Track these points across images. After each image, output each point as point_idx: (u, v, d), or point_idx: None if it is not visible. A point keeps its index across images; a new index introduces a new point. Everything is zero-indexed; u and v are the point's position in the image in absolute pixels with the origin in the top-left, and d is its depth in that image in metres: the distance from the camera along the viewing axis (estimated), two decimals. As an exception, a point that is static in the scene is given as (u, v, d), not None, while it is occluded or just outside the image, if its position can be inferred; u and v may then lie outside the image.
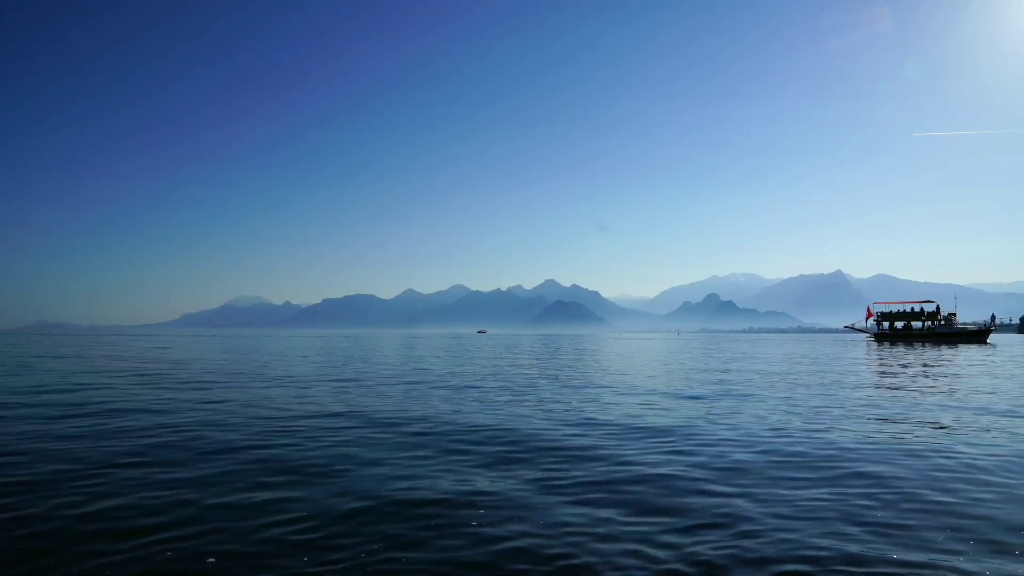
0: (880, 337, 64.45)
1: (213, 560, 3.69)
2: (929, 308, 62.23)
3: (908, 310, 64.13)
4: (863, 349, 41.32)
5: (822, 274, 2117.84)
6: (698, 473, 5.73)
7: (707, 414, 9.65)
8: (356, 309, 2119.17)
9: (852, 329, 72.96)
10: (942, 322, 60.85)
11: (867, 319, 66.77)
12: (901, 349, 39.70)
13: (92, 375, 17.60)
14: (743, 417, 9.30)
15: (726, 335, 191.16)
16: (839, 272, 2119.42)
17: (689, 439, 7.48)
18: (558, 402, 11.31)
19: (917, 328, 61.98)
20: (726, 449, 6.90)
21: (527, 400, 11.63)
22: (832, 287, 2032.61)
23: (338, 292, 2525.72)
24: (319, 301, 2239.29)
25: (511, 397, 12.17)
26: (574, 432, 7.99)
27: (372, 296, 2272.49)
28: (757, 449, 6.89)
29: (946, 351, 36.41)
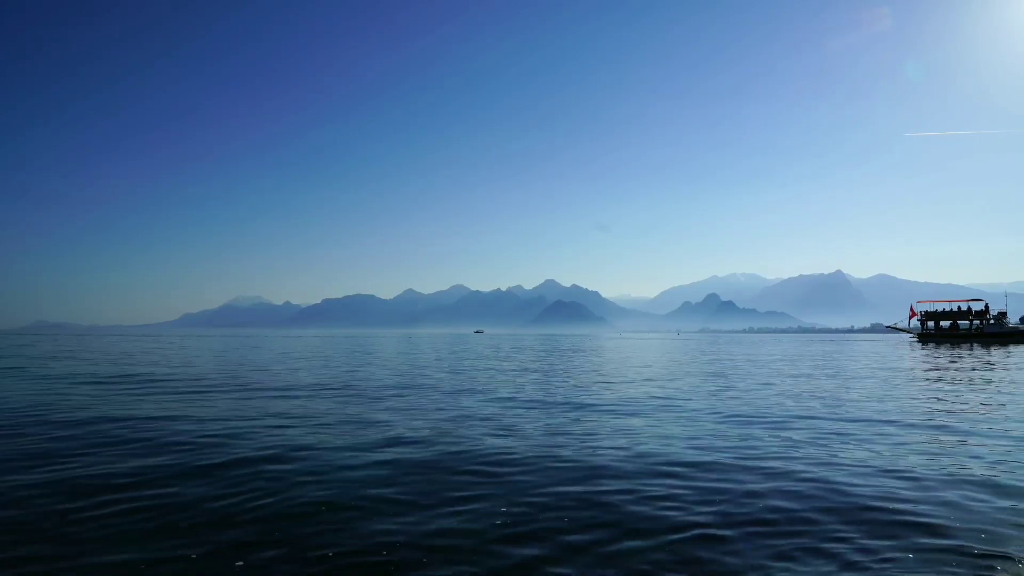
0: (924, 337, 61.51)
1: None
2: (977, 307, 59.11)
3: (954, 309, 61.03)
4: (917, 353, 35.86)
5: (822, 274, 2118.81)
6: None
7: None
8: (356, 309, 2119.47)
9: (895, 329, 69.69)
10: (991, 321, 57.86)
11: (910, 318, 64.01)
12: (958, 351, 36.91)
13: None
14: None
15: (726, 335, 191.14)
16: (839, 272, 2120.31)
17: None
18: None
19: (964, 328, 58.99)
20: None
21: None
22: (832, 287, 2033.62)
23: (338, 292, 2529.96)
24: (319, 301, 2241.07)
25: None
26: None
27: (372, 296, 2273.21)
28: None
29: (998, 352, 34.44)
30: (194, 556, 4.00)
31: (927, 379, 17.50)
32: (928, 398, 12.76)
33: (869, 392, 13.93)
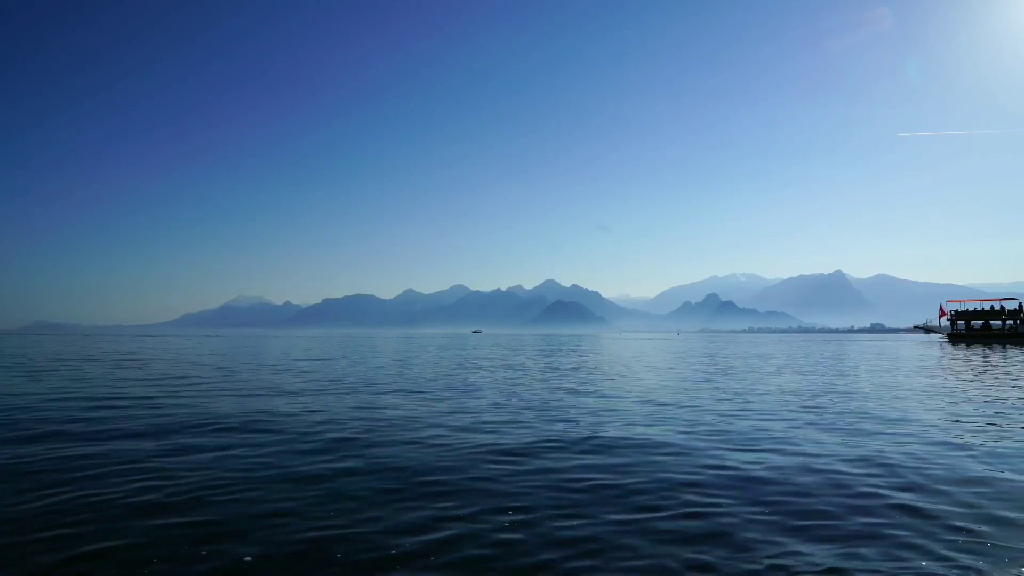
0: (955, 337, 59.94)
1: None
2: (1011, 306, 57.41)
3: (987, 308, 59.42)
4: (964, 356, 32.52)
5: (822, 274, 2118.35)
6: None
7: None
8: (356, 309, 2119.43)
9: (924, 329, 67.64)
10: None
11: (940, 318, 62.59)
12: (993, 352, 35.20)
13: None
14: None
15: (726, 335, 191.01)
16: (839, 272, 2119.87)
17: None
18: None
19: (997, 327, 57.21)
20: None
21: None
22: (832, 287, 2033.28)
23: (338, 292, 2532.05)
24: (319, 301, 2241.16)
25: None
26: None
27: (372, 296, 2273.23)
28: None
29: None
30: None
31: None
32: None
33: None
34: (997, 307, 58.64)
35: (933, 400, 12.28)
